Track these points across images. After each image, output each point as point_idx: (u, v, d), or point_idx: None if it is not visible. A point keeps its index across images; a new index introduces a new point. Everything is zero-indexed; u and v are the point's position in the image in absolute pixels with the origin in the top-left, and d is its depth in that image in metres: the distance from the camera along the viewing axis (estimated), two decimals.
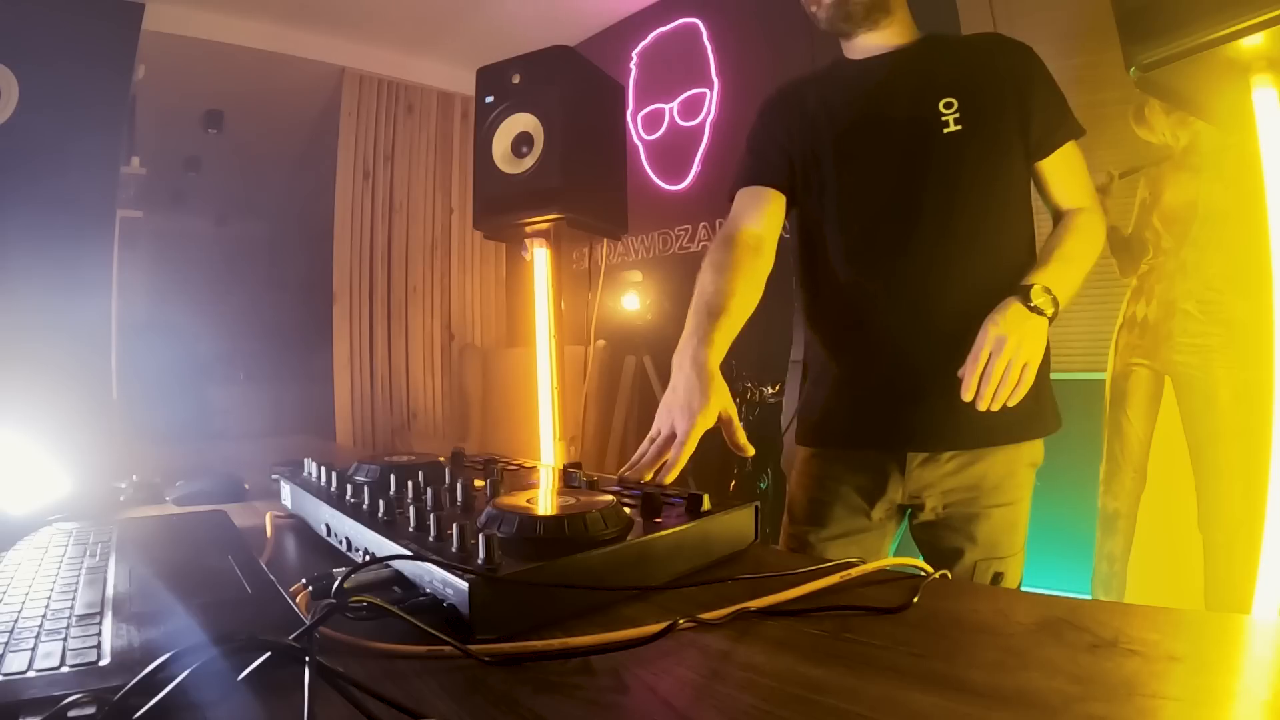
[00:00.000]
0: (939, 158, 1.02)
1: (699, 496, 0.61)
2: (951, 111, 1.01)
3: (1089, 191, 1.06)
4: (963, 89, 1.02)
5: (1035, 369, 0.92)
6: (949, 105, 1.02)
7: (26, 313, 2.20)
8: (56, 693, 0.31)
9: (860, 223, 1.07)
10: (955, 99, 1.02)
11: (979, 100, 1.02)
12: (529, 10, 3.17)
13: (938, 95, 1.02)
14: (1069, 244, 1.00)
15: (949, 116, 1.01)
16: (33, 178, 2.27)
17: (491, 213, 1.42)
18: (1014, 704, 0.34)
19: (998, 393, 0.90)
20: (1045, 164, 1.04)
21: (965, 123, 1.01)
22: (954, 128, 1.01)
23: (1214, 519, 1.61)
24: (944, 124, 1.01)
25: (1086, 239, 1.01)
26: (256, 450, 1.68)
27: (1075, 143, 1.04)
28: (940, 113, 1.02)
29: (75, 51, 2.36)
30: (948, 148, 1.01)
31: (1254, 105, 0.95)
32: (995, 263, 1.02)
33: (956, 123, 1.01)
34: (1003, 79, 1.03)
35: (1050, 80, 1.05)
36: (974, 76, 1.03)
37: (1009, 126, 1.02)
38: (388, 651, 0.40)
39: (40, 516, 0.72)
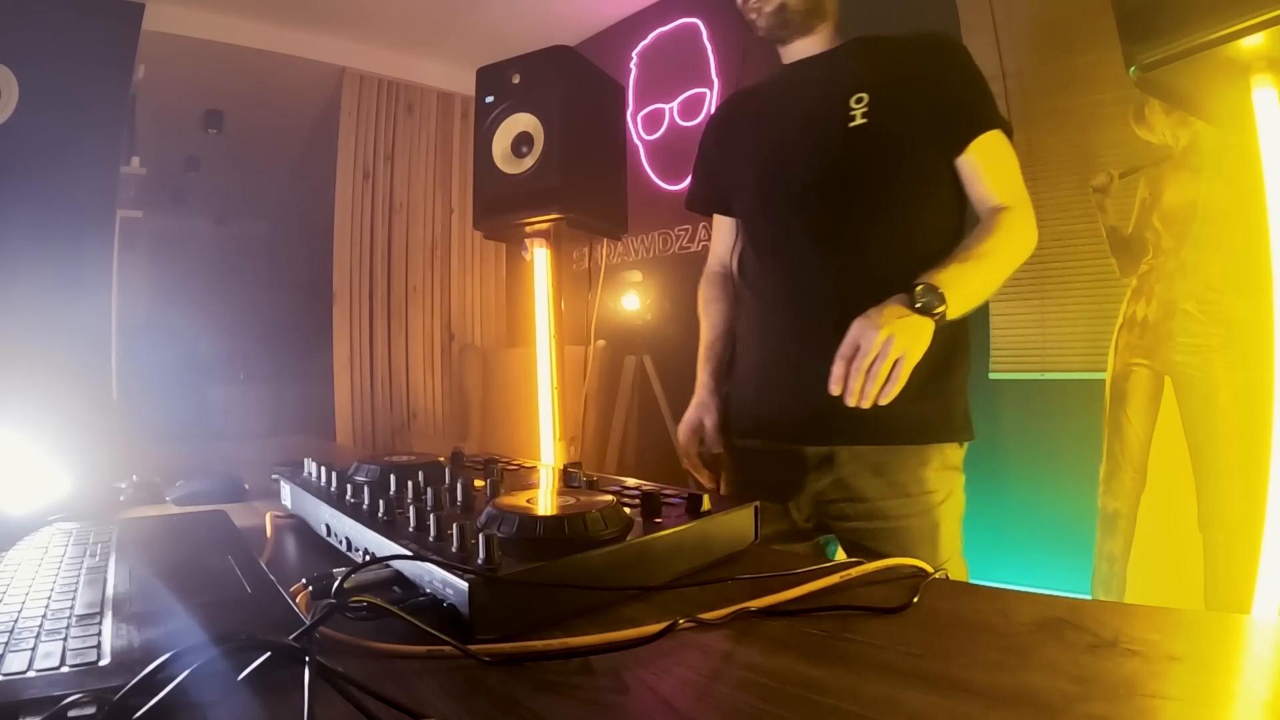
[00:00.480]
0: (843, 152, 1.01)
1: (699, 496, 0.61)
2: (861, 106, 1.00)
3: (1013, 188, 1.00)
4: (876, 85, 1.00)
5: (910, 366, 0.84)
6: (859, 100, 1.00)
7: (26, 313, 2.20)
8: (56, 693, 0.31)
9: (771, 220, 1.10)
10: (867, 94, 1.00)
11: (891, 95, 1.00)
12: (529, 10, 3.17)
13: (850, 91, 1.01)
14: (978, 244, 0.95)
15: (857, 110, 1.00)
16: (33, 178, 2.27)
17: (491, 213, 1.42)
18: (1014, 704, 0.34)
19: (866, 388, 0.83)
20: (963, 159, 0.99)
21: (872, 116, 0.99)
22: (859, 121, 1.00)
23: (1214, 519, 1.61)
24: (850, 118, 1.00)
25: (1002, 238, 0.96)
26: (256, 450, 1.68)
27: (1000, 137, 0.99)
28: (850, 108, 1.00)
29: (75, 51, 2.36)
30: (851, 141, 1.00)
31: (1254, 105, 0.95)
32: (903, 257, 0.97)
33: (863, 116, 1.00)
34: (919, 73, 1.00)
35: (970, 73, 1.01)
36: (891, 72, 1.01)
37: (921, 120, 0.98)
38: (388, 651, 0.40)
39: (40, 516, 0.72)
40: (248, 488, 0.96)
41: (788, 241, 1.07)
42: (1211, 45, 0.86)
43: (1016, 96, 1.96)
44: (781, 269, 1.08)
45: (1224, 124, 1.16)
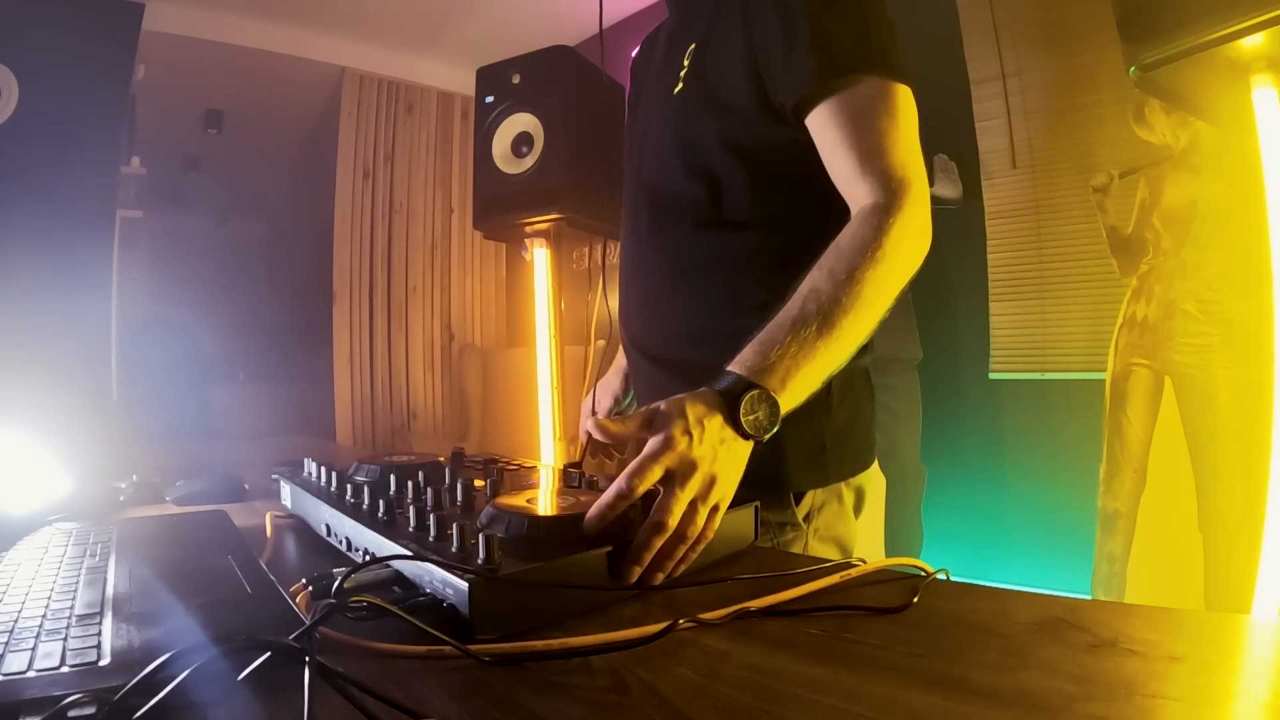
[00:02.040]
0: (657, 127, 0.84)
1: None
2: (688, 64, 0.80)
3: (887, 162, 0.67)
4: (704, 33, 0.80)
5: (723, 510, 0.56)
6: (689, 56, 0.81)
7: (27, 313, 2.20)
8: (56, 693, 0.31)
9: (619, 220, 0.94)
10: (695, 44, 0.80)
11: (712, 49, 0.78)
12: (529, 10, 3.17)
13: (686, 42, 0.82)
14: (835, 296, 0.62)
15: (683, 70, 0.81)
16: (33, 178, 2.27)
17: (491, 213, 1.42)
18: (1014, 704, 0.34)
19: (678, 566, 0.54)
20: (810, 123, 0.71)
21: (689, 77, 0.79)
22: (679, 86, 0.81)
23: (1214, 519, 1.61)
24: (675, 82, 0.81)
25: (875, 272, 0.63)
26: (256, 450, 1.68)
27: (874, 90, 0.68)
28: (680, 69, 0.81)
29: (75, 52, 2.36)
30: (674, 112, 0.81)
31: (1254, 105, 0.95)
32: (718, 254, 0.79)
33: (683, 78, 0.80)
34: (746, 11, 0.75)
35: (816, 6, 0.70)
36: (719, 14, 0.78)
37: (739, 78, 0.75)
38: (388, 651, 0.40)
39: (40, 516, 0.72)
40: (248, 488, 0.96)
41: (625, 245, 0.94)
42: (1211, 45, 0.86)
43: (1016, 96, 1.96)
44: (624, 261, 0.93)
45: (1224, 124, 1.16)
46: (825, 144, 0.71)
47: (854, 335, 0.63)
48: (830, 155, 0.71)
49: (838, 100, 0.69)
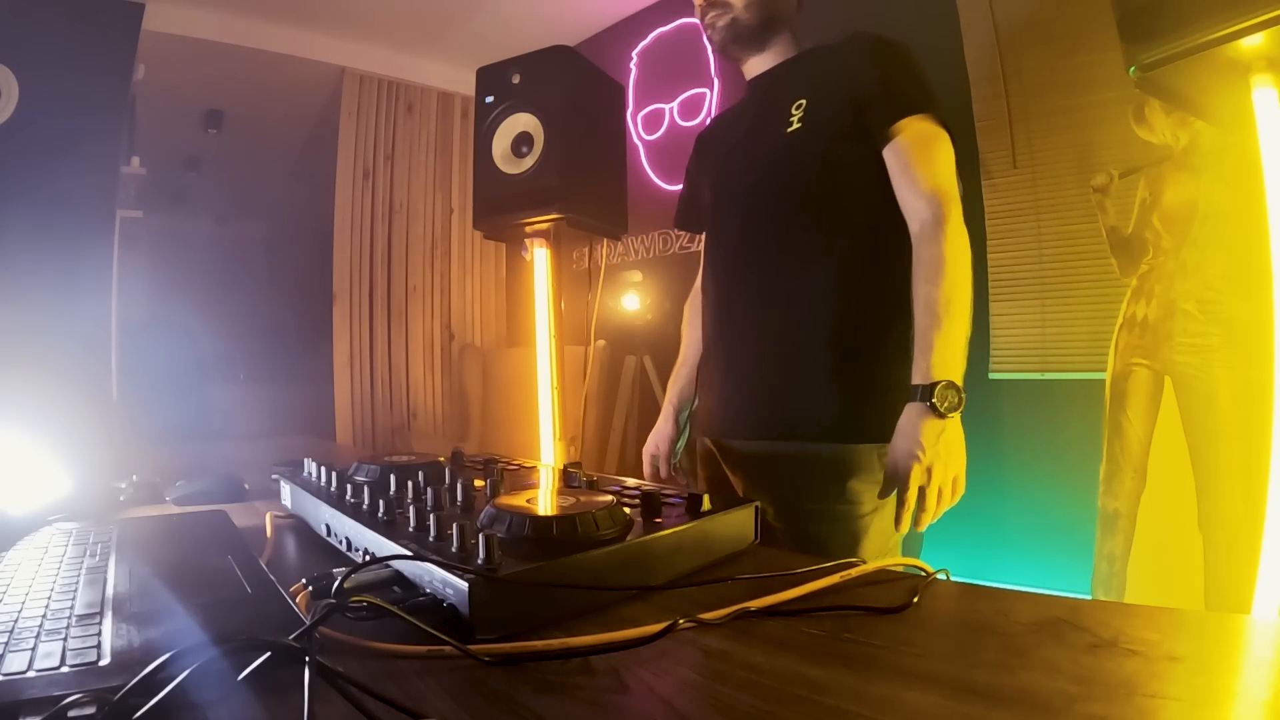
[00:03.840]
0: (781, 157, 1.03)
1: (699, 496, 0.61)
2: (799, 111, 1.02)
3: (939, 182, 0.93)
4: (813, 89, 1.02)
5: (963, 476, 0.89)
6: (799, 106, 1.02)
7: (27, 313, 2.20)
8: (56, 693, 0.31)
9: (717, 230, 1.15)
10: (806, 99, 1.02)
11: (823, 97, 1.00)
12: (529, 10, 3.17)
13: (792, 99, 1.03)
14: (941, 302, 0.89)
15: (795, 116, 1.02)
16: (33, 178, 2.27)
17: (491, 213, 1.41)
18: (1014, 704, 0.34)
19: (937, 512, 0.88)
20: (888, 151, 0.96)
21: (806, 120, 1.01)
22: (796, 126, 1.01)
23: (1214, 519, 1.61)
24: (789, 123, 1.02)
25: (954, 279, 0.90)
26: (256, 450, 1.68)
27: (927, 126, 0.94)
28: (790, 114, 1.03)
29: (75, 51, 2.36)
30: (789, 146, 1.02)
31: (1254, 105, 0.95)
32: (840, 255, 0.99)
33: (799, 120, 1.01)
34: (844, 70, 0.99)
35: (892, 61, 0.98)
36: (825, 75, 1.02)
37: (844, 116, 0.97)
38: (388, 651, 0.40)
39: (40, 516, 0.72)
40: (248, 488, 0.96)
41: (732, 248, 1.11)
42: (1211, 45, 0.86)
43: (1016, 96, 1.96)
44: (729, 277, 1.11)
45: (1224, 124, 1.16)
46: (898, 165, 0.95)
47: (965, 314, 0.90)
48: (899, 174, 0.95)
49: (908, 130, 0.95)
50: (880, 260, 0.98)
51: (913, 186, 0.94)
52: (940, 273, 0.90)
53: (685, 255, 3.00)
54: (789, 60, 1.11)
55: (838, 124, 0.98)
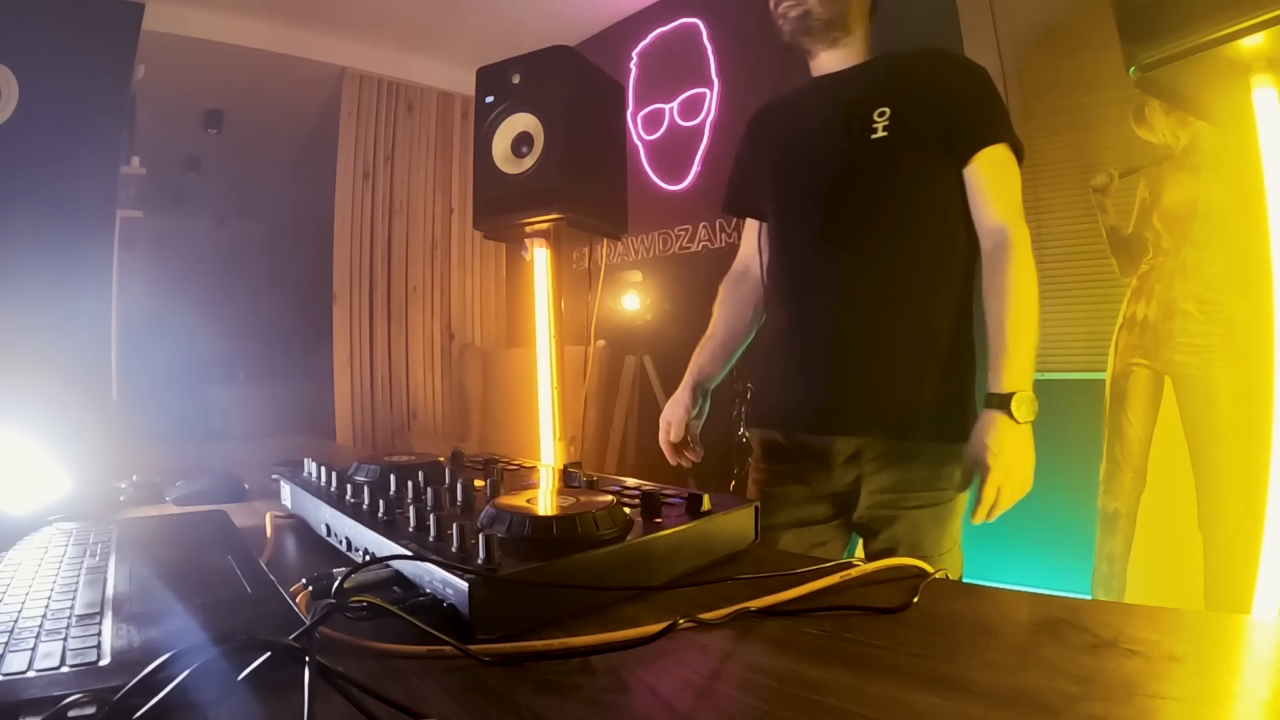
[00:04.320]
0: (865, 162, 1.07)
1: (699, 496, 0.61)
2: (883, 119, 1.06)
3: (1014, 206, 1.04)
4: (897, 99, 1.06)
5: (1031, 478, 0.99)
6: (881, 114, 1.06)
7: (27, 313, 2.20)
8: (56, 693, 0.31)
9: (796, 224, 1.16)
10: (889, 108, 1.06)
11: (910, 109, 1.05)
12: (529, 10, 3.17)
13: (874, 105, 1.07)
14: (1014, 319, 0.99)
15: (879, 124, 1.06)
16: (32, 178, 2.27)
17: (491, 213, 1.41)
18: (1014, 704, 0.34)
19: None
20: (969, 170, 1.04)
21: (893, 129, 1.05)
22: (881, 134, 1.06)
23: (1214, 519, 1.61)
24: (873, 130, 1.06)
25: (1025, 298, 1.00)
26: (256, 450, 1.68)
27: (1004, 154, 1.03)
28: (873, 120, 1.06)
29: (75, 51, 2.36)
30: (873, 152, 1.06)
31: (1254, 105, 0.95)
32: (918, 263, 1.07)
33: (884, 129, 1.05)
34: (936, 88, 1.05)
35: (978, 86, 1.06)
36: (911, 88, 1.07)
37: (935, 133, 1.04)
38: (388, 651, 0.40)
39: (40, 516, 0.72)
40: (248, 488, 0.96)
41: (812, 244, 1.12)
42: (1211, 45, 0.86)
43: (1016, 96, 1.96)
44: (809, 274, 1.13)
45: (1224, 124, 1.16)
46: (977, 186, 1.04)
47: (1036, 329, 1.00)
48: (979, 195, 1.04)
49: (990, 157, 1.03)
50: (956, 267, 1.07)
51: (990, 210, 1.03)
52: (1015, 292, 1.00)
53: (685, 255, 3.00)
54: (867, 64, 1.14)
55: (925, 138, 1.04)
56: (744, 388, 2.23)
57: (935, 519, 1.05)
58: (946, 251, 1.07)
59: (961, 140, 1.03)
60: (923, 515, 1.04)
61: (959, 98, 1.04)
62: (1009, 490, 0.96)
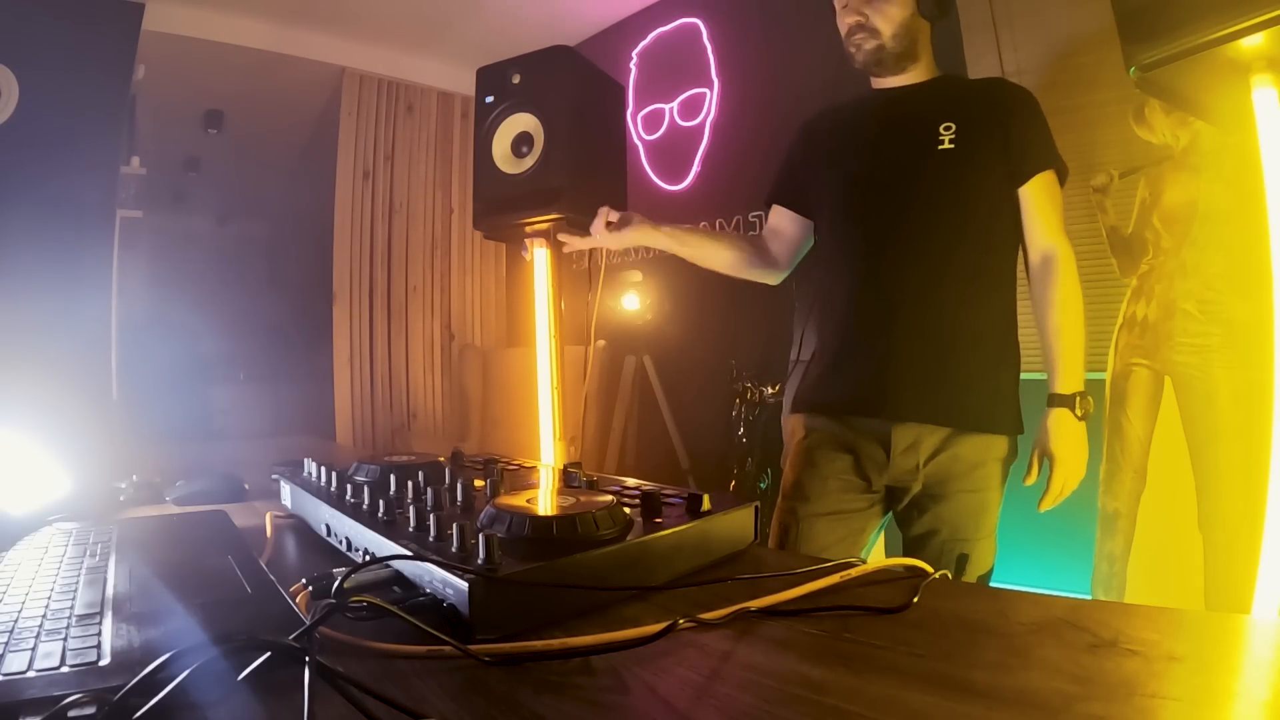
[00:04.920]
0: (932, 170, 1.15)
1: (699, 496, 0.61)
2: (949, 133, 1.14)
3: (1059, 227, 1.15)
4: (961, 116, 1.14)
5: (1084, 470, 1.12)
6: (948, 128, 1.14)
7: (27, 313, 2.20)
8: (56, 693, 0.31)
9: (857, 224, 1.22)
10: (954, 124, 1.14)
11: (974, 127, 1.13)
12: (529, 10, 3.17)
13: (940, 120, 1.15)
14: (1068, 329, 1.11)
15: (945, 137, 1.14)
16: (33, 178, 2.27)
17: (491, 213, 1.41)
18: (1014, 704, 0.34)
19: None
20: (1024, 191, 1.14)
21: (959, 143, 1.13)
22: (948, 146, 1.13)
23: (1214, 519, 1.61)
24: (940, 142, 1.14)
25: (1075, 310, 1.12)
26: (256, 450, 1.68)
27: (1054, 179, 1.15)
28: (939, 134, 1.14)
29: (75, 51, 2.36)
30: (940, 162, 1.14)
31: (1254, 105, 0.95)
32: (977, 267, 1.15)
33: (951, 142, 1.13)
34: (996, 110, 1.14)
35: (1037, 116, 1.15)
36: (974, 107, 1.15)
37: (996, 152, 1.13)
38: (388, 651, 0.40)
39: (40, 516, 0.72)
40: (248, 488, 0.96)
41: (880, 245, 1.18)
42: (1211, 45, 0.86)
43: None
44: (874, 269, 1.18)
45: (1224, 124, 1.16)
46: (1031, 206, 1.14)
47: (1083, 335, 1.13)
48: (1033, 215, 1.15)
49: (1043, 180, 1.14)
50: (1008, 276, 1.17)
51: (1041, 230, 1.14)
52: (1068, 305, 1.11)
53: None
54: (931, 82, 1.22)
55: (988, 156, 1.13)
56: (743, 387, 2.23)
57: (980, 505, 1.14)
58: (1001, 261, 1.16)
59: (1021, 163, 1.13)
60: (967, 500, 1.13)
61: (1020, 123, 1.13)
62: (1073, 479, 1.11)
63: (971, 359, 1.14)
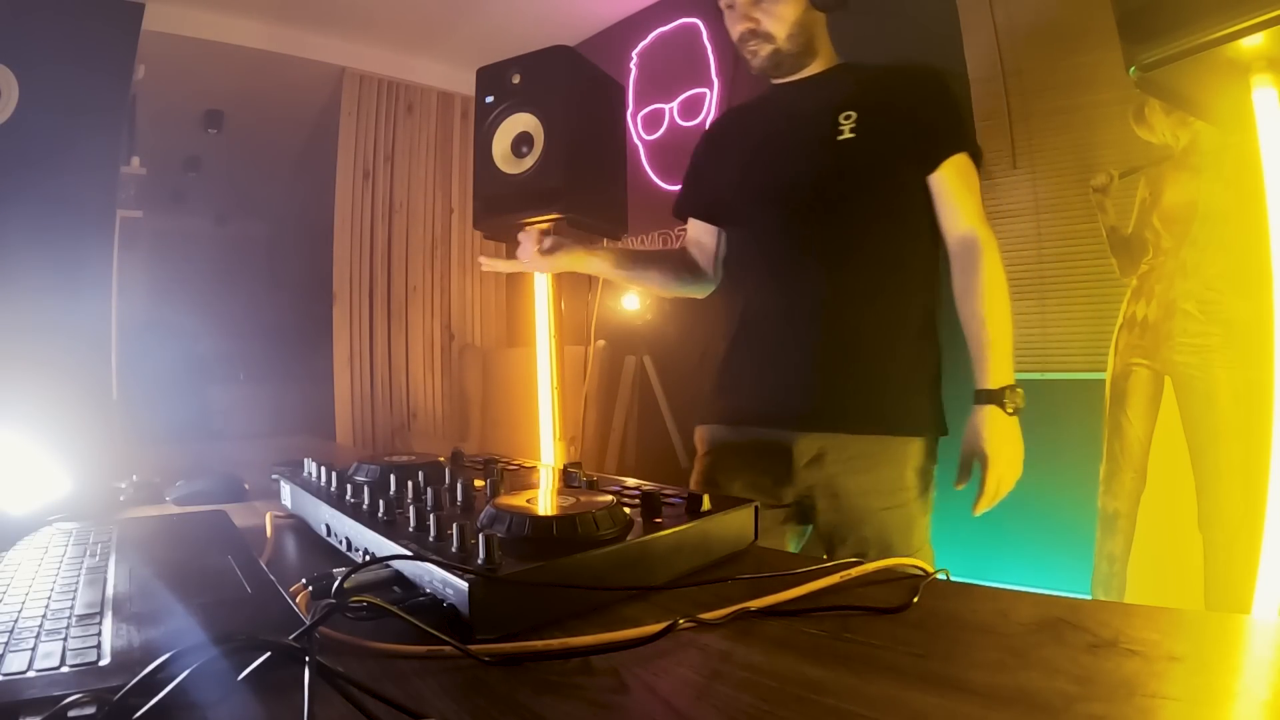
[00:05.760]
0: (832, 163, 1.09)
1: (699, 496, 0.61)
2: (849, 122, 1.08)
3: (977, 211, 1.08)
4: (862, 105, 1.08)
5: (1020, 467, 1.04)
6: (847, 117, 1.08)
7: (27, 313, 2.20)
8: (56, 693, 0.31)
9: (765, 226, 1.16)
10: (854, 112, 1.08)
11: (876, 114, 1.07)
12: (529, 10, 3.17)
13: (839, 109, 1.09)
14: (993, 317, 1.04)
15: (845, 126, 1.08)
16: (33, 177, 2.27)
17: (491, 213, 1.41)
18: (1014, 704, 0.34)
19: None
20: (935, 177, 1.07)
21: (859, 132, 1.07)
22: (848, 135, 1.08)
23: (1214, 519, 1.61)
24: (839, 132, 1.08)
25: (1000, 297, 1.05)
26: (256, 450, 1.68)
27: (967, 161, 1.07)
28: (839, 123, 1.08)
29: (75, 51, 2.36)
30: (841, 153, 1.08)
31: (1254, 105, 0.95)
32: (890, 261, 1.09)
33: (851, 131, 1.07)
34: (900, 95, 1.08)
35: (944, 98, 1.09)
36: (877, 95, 1.09)
37: (901, 139, 1.06)
38: (388, 651, 0.40)
39: (40, 516, 0.72)
40: (248, 488, 0.96)
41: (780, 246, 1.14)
42: (1211, 45, 0.86)
43: (1016, 96, 1.95)
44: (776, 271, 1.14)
45: (1224, 124, 1.16)
46: (944, 192, 1.07)
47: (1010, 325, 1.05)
48: (947, 201, 1.08)
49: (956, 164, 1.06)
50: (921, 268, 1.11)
51: (957, 216, 1.08)
52: (989, 293, 1.05)
53: None
54: (831, 71, 1.16)
55: (893, 142, 1.06)
56: None
57: (905, 520, 1.07)
58: (911, 253, 1.10)
59: (928, 148, 1.06)
60: (891, 517, 1.06)
61: (926, 107, 1.07)
62: (1007, 480, 1.02)
63: (884, 359, 1.07)
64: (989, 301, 1.04)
